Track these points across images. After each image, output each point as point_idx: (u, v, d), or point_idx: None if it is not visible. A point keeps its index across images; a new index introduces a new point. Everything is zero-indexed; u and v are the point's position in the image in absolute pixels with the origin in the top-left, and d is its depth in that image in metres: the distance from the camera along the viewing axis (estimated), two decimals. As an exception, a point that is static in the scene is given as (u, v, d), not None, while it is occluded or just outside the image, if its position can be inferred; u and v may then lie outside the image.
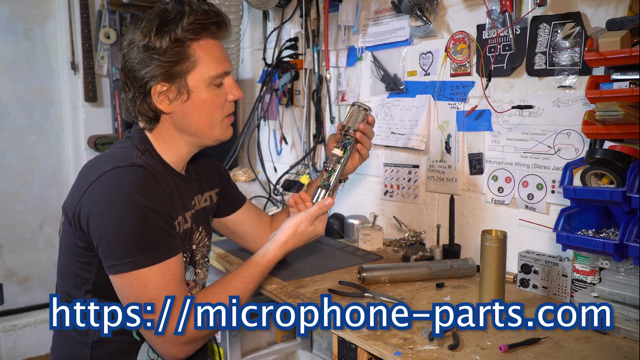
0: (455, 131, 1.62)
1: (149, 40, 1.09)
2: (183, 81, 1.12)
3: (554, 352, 1.02)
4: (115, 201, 1.04)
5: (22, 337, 3.02)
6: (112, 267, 1.05)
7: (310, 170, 2.17)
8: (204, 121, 1.17)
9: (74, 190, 1.12)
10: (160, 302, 1.05)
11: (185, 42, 1.10)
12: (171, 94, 1.13)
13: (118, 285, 1.07)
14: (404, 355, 1.00)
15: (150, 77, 1.11)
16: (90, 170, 1.11)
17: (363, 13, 1.89)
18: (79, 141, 3.14)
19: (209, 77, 1.14)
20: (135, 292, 1.05)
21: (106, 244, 1.05)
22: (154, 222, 1.06)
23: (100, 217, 1.05)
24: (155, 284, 1.05)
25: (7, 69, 2.95)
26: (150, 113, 1.15)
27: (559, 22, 1.32)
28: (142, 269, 1.04)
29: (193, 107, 1.15)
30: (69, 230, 1.12)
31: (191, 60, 1.12)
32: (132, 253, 1.03)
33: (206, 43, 1.14)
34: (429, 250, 1.62)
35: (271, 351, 2.27)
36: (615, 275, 1.12)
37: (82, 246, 1.11)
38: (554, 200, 1.38)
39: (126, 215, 1.04)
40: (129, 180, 1.06)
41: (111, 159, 1.10)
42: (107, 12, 2.99)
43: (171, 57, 1.09)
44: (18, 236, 3.07)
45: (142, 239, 1.04)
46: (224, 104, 1.19)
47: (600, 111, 1.10)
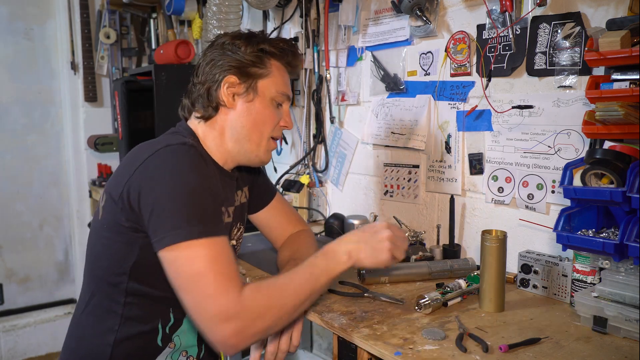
0: (455, 131, 1.62)
1: (236, 42, 1.21)
2: (254, 83, 1.21)
3: (554, 352, 1.02)
4: (168, 175, 1.05)
5: (22, 337, 3.02)
6: (162, 240, 1.02)
7: (310, 170, 2.17)
8: (257, 128, 1.23)
9: (122, 171, 1.12)
10: (209, 274, 1.00)
11: (267, 54, 1.22)
12: (239, 90, 1.21)
13: (167, 260, 1.03)
14: (404, 355, 1.00)
15: (227, 67, 1.20)
16: (140, 152, 1.12)
17: (363, 13, 1.90)
18: (79, 141, 3.14)
19: (275, 92, 1.23)
20: (183, 265, 1.02)
21: (157, 216, 1.03)
22: (204, 198, 1.06)
23: (151, 191, 1.04)
24: (204, 257, 1.01)
25: (7, 69, 2.95)
26: (213, 102, 1.21)
27: (559, 22, 1.32)
28: (191, 241, 1.01)
29: (253, 110, 1.22)
30: (114, 209, 1.10)
31: (267, 70, 1.22)
32: (182, 224, 1.02)
33: (281, 65, 1.26)
34: (429, 250, 1.62)
35: (271, 351, 2.27)
36: (615, 275, 1.12)
37: (127, 226, 1.09)
38: (554, 200, 1.38)
39: (178, 188, 1.04)
40: (181, 156, 1.08)
41: (162, 140, 1.13)
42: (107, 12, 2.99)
43: (251, 58, 1.20)
44: (18, 236, 3.07)
45: (193, 212, 1.03)
46: (276, 126, 1.27)
47: (600, 111, 1.10)
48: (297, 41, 2.14)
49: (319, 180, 2.17)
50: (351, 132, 2.02)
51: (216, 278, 1.00)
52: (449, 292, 1.25)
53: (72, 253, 3.26)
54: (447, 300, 1.24)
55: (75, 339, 1.20)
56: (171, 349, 1.18)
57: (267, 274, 1.49)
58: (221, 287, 1.00)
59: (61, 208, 3.20)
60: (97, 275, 1.17)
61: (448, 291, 1.26)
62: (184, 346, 1.20)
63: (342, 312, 1.20)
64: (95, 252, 1.18)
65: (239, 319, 0.99)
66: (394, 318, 1.17)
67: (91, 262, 1.20)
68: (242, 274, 1.51)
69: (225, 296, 0.99)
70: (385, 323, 1.15)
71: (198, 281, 1.00)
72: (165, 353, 1.17)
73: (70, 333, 1.23)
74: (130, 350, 1.14)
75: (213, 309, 0.99)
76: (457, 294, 1.26)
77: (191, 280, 1.01)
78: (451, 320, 1.16)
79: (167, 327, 1.17)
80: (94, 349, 1.15)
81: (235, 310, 0.99)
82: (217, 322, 0.99)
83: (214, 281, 1.00)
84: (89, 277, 1.20)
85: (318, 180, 2.17)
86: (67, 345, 1.23)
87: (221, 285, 1.00)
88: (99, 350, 1.14)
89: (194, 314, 1.03)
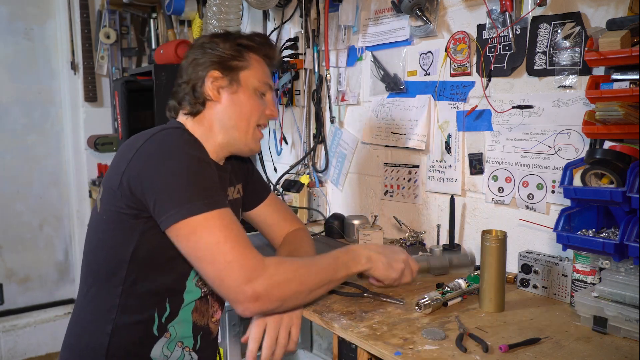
0: (455, 131, 1.62)
1: (214, 40, 1.26)
2: (236, 75, 1.25)
3: (554, 352, 1.02)
4: (168, 154, 1.08)
5: (22, 337, 3.02)
6: (172, 216, 1.04)
7: (310, 170, 2.17)
8: (244, 118, 1.26)
9: (118, 162, 1.13)
10: (227, 242, 1.04)
11: (245, 48, 1.27)
12: (223, 83, 1.25)
13: (181, 235, 1.05)
14: (404, 355, 1.00)
15: (209, 63, 1.24)
16: (135, 141, 1.14)
17: (363, 13, 1.90)
18: (79, 141, 3.14)
19: (257, 82, 1.27)
20: (200, 237, 1.04)
21: (164, 195, 1.05)
22: (206, 172, 1.10)
23: (154, 173, 1.06)
24: (218, 227, 1.04)
25: (7, 69, 2.95)
26: (199, 98, 1.25)
27: (559, 22, 1.32)
28: (203, 214, 1.04)
29: (238, 101, 1.26)
30: (112, 199, 1.12)
31: (247, 62, 1.27)
32: (192, 198, 1.04)
33: (259, 58, 1.30)
34: (429, 250, 1.62)
35: (271, 351, 2.27)
36: (615, 275, 1.12)
37: (128, 213, 1.10)
38: (554, 200, 1.38)
39: (180, 164, 1.07)
40: (178, 137, 1.12)
41: (155, 128, 1.16)
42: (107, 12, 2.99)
43: (231, 52, 1.25)
44: (18, 236, 3.07)
45: (199, 185, 1.06)
46: (262, 114, 1.30)
47: (600, 111, 1.10)
48: (297, 41, 2.14)
49: (319, 180, 2.17)
50: (351, 132, 2.02)
51: (234, 245, 1.04)
52: (449, 292, 1.25)
53: (72, 253, 3.26)
54: (447, 300, 1.24)
55: (74, 336, 1.21)
56: (167, 338, 1.19)
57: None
58: (241, 252, 1.04)
59: (61, 208, 3.20)
60: (94, 269, 1.18)
61: (448, 291, 1.26)
62: (180, 337, 1.21)
63: (342, 312, 1.20)
64: (93, 246, 1.20)
65: (262, 281, 1.04)
66: (394, 318, 1.17)
67: (88, 257, 1.21)
68: None
69: (246, 260, 1.04)
70: (385, 323, 1.15)
71: (218, 250, 1.04)
72: (161, 342, 1.18)
73: (69, 331, 1.24)
74: (127, 339, 1.16)
75: (236, 272, 1.03)
76: (457, 294, 1.26)
77: (210, 251, 1.04)
78: (451, 320, 1.16)
79: (163, 317, 1.18)
80: (91, 340, 1.16)
81: (258, 273, 1.04)
82: (241, 284, 1.03)
83: (232, 248, 1.04)
84: (86, 272, 1.21)
85: (318, 180, 2.17)
86: (66, 342, 1.24)
87: (241, 251, 1.04)
88: (96, 341, 1.15)
89: (217, 283, 1.05)
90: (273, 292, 1.05)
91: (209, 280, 1.08)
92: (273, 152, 2.39)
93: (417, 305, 1.20)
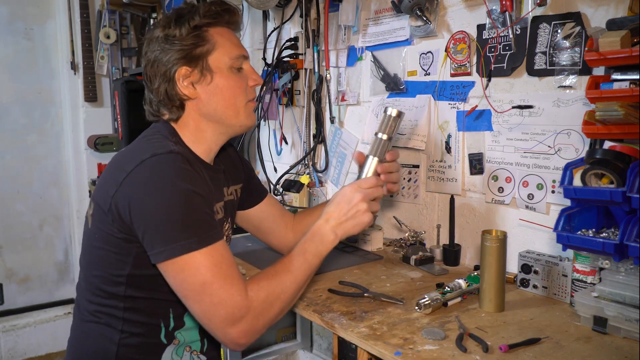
0: (455, 131, 1.62)
1: (168, 30, 1.16)
2: (204, 63, 1.17)
3: (554, 352, 1.02)
4: (158, 187, 1.04)
5: (22, 337, 3.02)
6: (160, 253, 1.03)
7: (310, 170, 2.17)
8: (229, 104, 1.20)
9: (108, 180, 1.10)
10: (214, 283, 1.03)
11: (203, 27, 1.17)
12: (194, 77, 1.17)
13: (169, 272, 1.05)
14: (404, 355, 1.00)
15: (173, 62, 1.16)
16: (125, 160, 1.10)
17: (363, 13, 1.89)
18: (79, 141, 3.14)
19: (229, 59, 1.19)
20: (187, 277, 1.03)
21: (153, 231, 1.03)
22: (199, 206, 1.06)
23: (143, 206, 1.04)
24: (206, 265, 1.03)
25: (7, 69, 2.95)
26: (176, 101, 1.18)
27: (559, 22, 1.32)
28: (191, 252, 1.02)
29: (217, 89, 1.19)
30: (104, 220, 1.10)
31: (210, 43, 1.17)
32: (180, 236, 1.02)
33: (222, 30, 1.20)
34: (429, 250, 1.62)
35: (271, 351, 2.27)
36: (615, 275, 1.12)
37: (119, 237, 1.09)
38: (554, 200, 1.38)
39: (170, 200, 1.03)
40: (169, 166, 1.06)
41: (147, 147, 1.10)
42: (107, 12, 2.99)
43: (191, 40, 1.15)
44: (18, 236, 3.07)
45: (188, 223, 1.03)
46: (246, 89, 1.23)
47: (600, 111, 1.10)
48: (297, 41, 2.14)
49: (319, 180, 2.17)
50: (351, 132, 2.02)
51: (221, 285, 1.03)
52: (449, 292, 1.25)
53: (72, 253, 3.25)
54: (447, 300, 1.24)
55: (79, 341, 1.20)
56: (175, 345, 1.19)
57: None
58: (227, 292, 1.03)
59: (61, 208, 3.20)
60: (93, 283, 1.17)
61: (448, 291, 1.26)
62: (188, 341, 1.21)
63: (342, 312, 1.20)
64: (89, 260, 1.18)
65: (248, 318, 1.04)
66: (394, 318, 1.17)
67: (85, 269, 1.20)
68: (242, 273, 1.51)
69: (232, 301, 1.03)
70: (385, 323, 1.15)
71: (204, 290, 1.03)
72: (170, 349, 1.18)
73: (74, 335, 1.23)
74: (136, 348, 1.15)
75: (222, 314, 1.03)
76: (457, 294, 1.26)
77: (197, 291, 1.03)
78: (451, 320, 1.16)
79: (169, 326, 1.18)
80: (100, 349, 1.15)
81: (242, 312, 1.04)
82: (228, 325, 1.03)
83: (219, 288, 1.03)
84: (85, 282, 1.20)
85: (318, 180, 2.17)
86: (71, 346, 1.23)
87: (227, 291, 1.03)
88: (105, 349, 1.14)
89: (204, 321, 1.06)
90: (258, 323, 1.06)
91: (196, 317, 1.08)
92: (273, 152, 2.39)
93: (417, 305, 1.20)
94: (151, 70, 1.19)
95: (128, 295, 1.13)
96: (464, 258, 1.61)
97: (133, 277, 1.12)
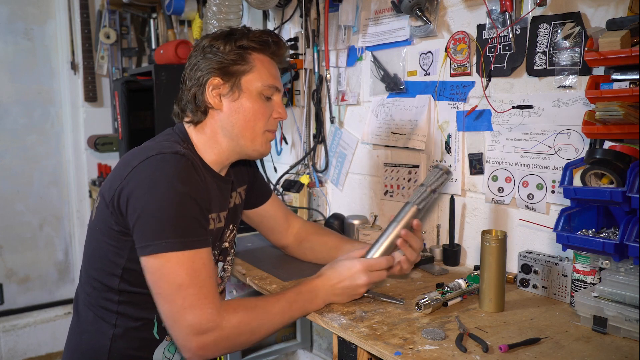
0: (455, 131, 1.62)
1: (215, 42, 1.21)
2: (237, 81, 1.21)
3: (554, 352, 1.02)
4: (157, 184, 1.05)
5: (22, 337, 3.02)
6: (146, 247, 1.04)
7: (310, 170, 2.17)
8: (248, 125, 1.23)
9: (115, 175, 1.13)
10: (190, 287, 1.03)
11: (248, 49, 1.21)
12: (224, 90, 1.21)
13: (149, 267, 1.06)
14: (404, 355, 1.00)
15: (209, 70, 1.20)
16: (133, 157, 1.13)
17: (363, 13, 1.89)
18: (79, 141, 3.14)
19: (261, 86, 1.22)
20: (165, 275, 1.04)
21: (143, 223, 1.05)
22: (192, 210, 1.07)
23: (139, 198, 1.05)
24: (186, 269, 1.04)
25: (7, 69, 2.95)
26: (201, 106, 1.22)
27: (559, 22, 1.32)
28: (175, 252, 1.03)
29: (241, 109, 1.22)
30: (106, 212, 1.12)
31: (249, 66, 1.21)
32: (167, 235, 1.03)
33: (265, 58, 1.24)
34: (429, 250, 1.62)
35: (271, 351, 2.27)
36: (615, 275, 1.12)
37: (117, 230, 1.11)
38: (554, 200, 1.38)
39: (166, 198, 1.04)
40: (172, 166, 1.08)
41: (155, 146, 1.13)
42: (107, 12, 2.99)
43: (232, 57, 1.20)
44: (18, 236, 3.08)
45: (178, 223, 1.05)
46: (269, 119, 1.26)
47: (600, 111, 1.10)
48: (297, 41, 2.14)
49: (319, 180, 2.17)
50: (351, 132, 2.02)
51: (196, 291, 1.03)
52: (449, 292, 1.25)
53: (72, 253, 3.26)
54: (447, 300, 1.24)
55: (76, 337, 1.22)
56: (168, 341, 1.21)
57: (266, 273, 1.50)
58: (200, 301, 1.03)
59: (61, 208, 3.20)
60: (92, 276, 1.19)
61: (448, 291, 1.26)
62: None
63: (342, 312, 1.20)
64: (90, 252, 1.21)
65: (212, 334, 1.04)
66: (394, 318, 1.17)
67: (86, 262, 1.22)
68: (242, 273, 1.51)
69: (203, 310, 1.03)
70: (385, 323, 1.15)
71: (178, 292, 1.03)
72: (163, 345, 1.19)
73: (71, 331, 1.25)
74: (129, 343, 1.17)
75: (189, 320, 1.03)
76: (457, 294, 1.26)
77: (172, 291, 1.03)
78: (451, 320, 1.16)
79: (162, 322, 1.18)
80: (93, 343, 1.17)
81: (210, 326, 1.03)
82: (191, 333, 1.03)
83: (193, 294, 1.03)
84: (85, 275, 1.22)
85: (318, 180, 2.17)
86: (68, 343, 1.25)
87: (201, 299, 1.03)
88: (98, 343, 1.16)
89: (169, 322, 1.05)
90: (221, 344, 1.06)
91: (162, 316, 1.07)
92: (273, 152, 2.39)
93: (417, 305, 1.20)
94: (189, 73, 1.23)
95: (122, 289, 1.15)
96: (464, 258, 1.61)
97: (128, 270, 1.14)
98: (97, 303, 1.18)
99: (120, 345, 1.16)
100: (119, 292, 1.15)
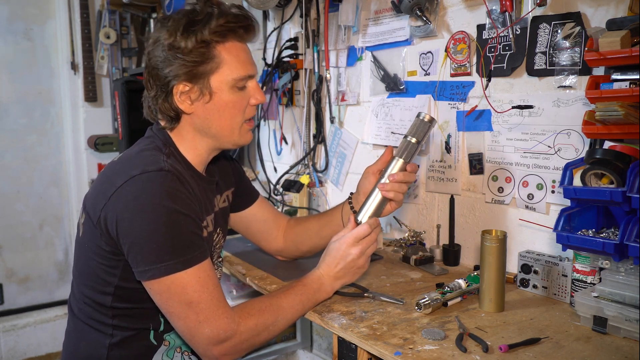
0: (455, 131, 1.62)
1: (175, 40, 1.08)
2: (206, 82, 1.12)
3: (554, 352, 1.02)
4: (146, 206, 1.02)
5: (22, 337, 3.01)
6: (145, 272, 1.03)
7: (310, 170, 2.17)
8: (225, 124, 1.16)
9: (98, 192, 1.09)
10: (201, 302, 1.04)
11: (211, 43, 1.10)
12: (193, 95, 1.13)
13: (154, 290, 1.06)
14: (404, 355, 1.00)
15: (173, 76, 1.10)
16: (116, 173, 1.08)
17: (363, 13, 1.89)
18: (79, 141, 3.14)
19: (232, 80, 1.13)
20: (173, 295, 1.04)
21: (138, 249, 1.03)
22: (185, 226, 1.05)
23: (130, 223, 1.03)
24: (193, 285, 1.04)
25: (7, 69, 2.94)
26: (171, 112, 1.15)
27: (559, 22, 1.32)
28: (177, 273, 1.03)
29: (214, 109, 1.14)
30: (94, 232, 1.10)
31: (215, 62, 1.11)
32: (166, 257, 1.02)
33: (232, 45, 1.13)
34: (429, 250, 1.62)
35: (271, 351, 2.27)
36: (615, 275, 1.12)
37: (107, 250, 1.09)
38: (554, 200, 1.38)
39: (157, 220, 1.02)
40: (158, 185, 1.04)
41: (138, 162, 1.08)
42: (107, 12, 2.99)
43: (195, 57, 1.09)
44: (18, 236, 3.07)
45: (175, 243, 1.03)
46: (246, 108, 1.18)
47: (600, 111, 1.10)
48: (297, 41, 2.14)
49: (319, 180, 2.17)
50: (351, 132, 2.02)
51: (208, 304, 1.04)
52: (448, 292, 1.25)
53: (72, 253, 3.25)
54: (447, 300, 1.24)
55: (73, 341, 1.21)
56: (166, 347, 1.20)
57: (266, 273, 1.50)
58: (214, 312, 1.04)
59: (61, 208, 3.20)
60: (83, 292, 1.18)
61: (448, 291, 1.26)
62: (178, 344, 1.21)
63: (342, 312, 1.20)
64: (80, 268, 1.19)
65: (232, 341, 1.06)
66: (394, 318, 1.17)
67: (77, 277, 1.20)
68: (242, 273, 1.51)
69: (218, 321, 1.04)
70: (385, 323, 1.15)
71: (190, 309, 1.03)
72: (161, 351, 1.19)
73: (68, 337, 1.24)
74: (127, 351, 1.16)
75: (207, 333, 1.04)
76: (457, 294, 1.26)
77: (183, 309, 1.04)
78: (451, 320, 1.16)
79: (159, 330, 1.19)
80: (91, 352, 1.17)
81: (228, 334, 1.05)
82: (211, 344, 1.05)
83: (205, 308, 1.04)
84: (77, 290, 1.20)
85: (318, 180, 2.17)
86: (66, 349, 1.24)
87: (213, 311, 1.04)
88: (97, 353, 1.16)
89: (189, 338, 1.07)
90: (242, 347, 1.08)
91: (178, 331, 1.09)
92: (273, 152, 2.39)
93: (417, 305, 1.20)
94: (150, 76, 1.15)
95: (115, 307, 1.14)
96: (464, 258, 1.61)
97: (121, 289, 1.13)
98: (91, 316, 1.17)
99: (118, 353, 1.15)
100: (112, 308, 1.14)
